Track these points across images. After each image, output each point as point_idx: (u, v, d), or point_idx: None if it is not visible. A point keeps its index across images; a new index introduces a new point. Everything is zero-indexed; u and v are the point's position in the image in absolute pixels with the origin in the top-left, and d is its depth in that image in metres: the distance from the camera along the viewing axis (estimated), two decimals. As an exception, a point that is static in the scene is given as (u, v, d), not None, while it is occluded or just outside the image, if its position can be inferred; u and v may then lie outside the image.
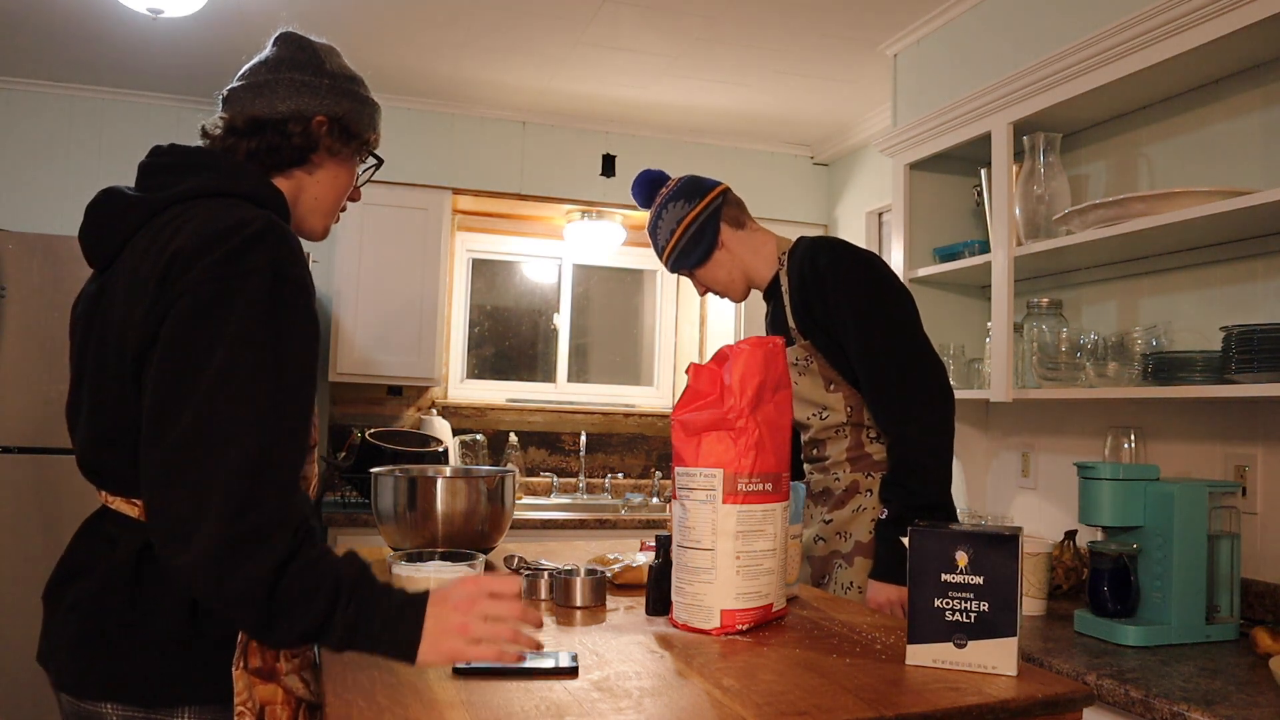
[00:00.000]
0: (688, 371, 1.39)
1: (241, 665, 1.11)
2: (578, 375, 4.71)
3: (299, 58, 1.31)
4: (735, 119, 4.10)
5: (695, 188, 2.03)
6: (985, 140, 2.50)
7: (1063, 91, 2.25)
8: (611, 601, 1.49)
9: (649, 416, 4.59)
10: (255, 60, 1.33)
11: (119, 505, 1.16)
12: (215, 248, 1.08)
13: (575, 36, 3.28)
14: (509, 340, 4.64)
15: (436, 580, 1.39)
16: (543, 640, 1.23)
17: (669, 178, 2.07)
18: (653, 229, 2.06)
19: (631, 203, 4.21)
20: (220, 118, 1.30)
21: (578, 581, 1.44)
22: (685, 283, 4.80)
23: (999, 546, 1.15)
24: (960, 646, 1.15)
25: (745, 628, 1.31)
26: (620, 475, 4.50)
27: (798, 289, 1.94)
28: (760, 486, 1.32)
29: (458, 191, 4.07)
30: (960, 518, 2.74)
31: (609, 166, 4.22)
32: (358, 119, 1.33)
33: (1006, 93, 2.40)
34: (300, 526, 1.03)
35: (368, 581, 1.05)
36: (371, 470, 1.83)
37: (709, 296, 4.67)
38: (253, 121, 1.27)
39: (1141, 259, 2.31)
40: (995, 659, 1.14)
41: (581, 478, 4.39)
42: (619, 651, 1.19)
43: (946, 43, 2.92)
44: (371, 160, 1.40)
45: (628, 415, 4.56)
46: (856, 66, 3.43)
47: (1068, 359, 2.30)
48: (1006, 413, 2.78)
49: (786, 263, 2.00)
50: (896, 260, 2.85)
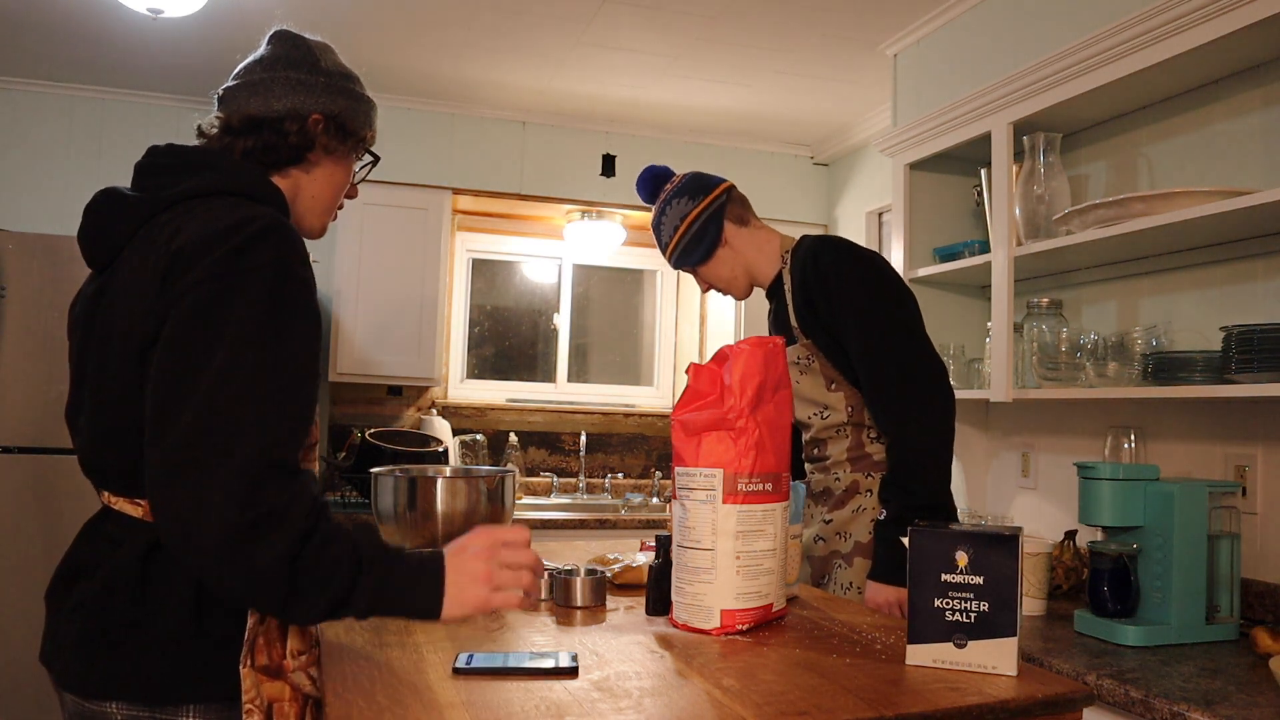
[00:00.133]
0: (688, 371, 1.39)
1: (249, 663, 1.11)
2: (578, 375, 4.71)
3: (294, 56, 1.31)
4: (735, 119, 4.10)
5: (700, 184, 2.02)
6: (985, 140, 2.50)
7: (1063, 91, 2.25)
8: (611, 601, 1.49)
9: (649, 416, 4.59)
10: (250, 59, 1.32)
11: (122, 505, 1.16)
12: (218, 245, 1.08)
13: (575, 36, 3.28)
14: (509, 340, 4.64)
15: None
16: (543, 640, 1.24)
17: (673, 174, 2.06)
18: (656, 225, 2.05)
19: (631, 203, 4.24)
20: (216, 117, 1.29)
21: (578, 581, 1.44)
22: (685, 282, 4.80)
23: (999, 546, 1.15)
24: (960, 646, 1.15)
25: (745, 628, 1.31)
26: (620, 475, 4.50)
27: (800, 287, 1.94)
28: (760, 486, 1.32)
29: (458, 191, 4.07)
30: (960, 518, 2.74)
31: (609, 166, 4.22)
32: (354, 116, 1.33)
33: (1006, 93, 2.40)
34: (314, 503, 1.04)
35: (384, 546, 1.07)
36: (371, 470, 1.83)
37: (709, 296, 4.70)
38: (249, 120, 1.26)
39: (1141, 259, 2.31)
40: (995, 659, 1.14)
41: (581, 478, 4.39)
42: (619, 651, 1.19)
43: (946, 43, 2.92)
44: (368, 158, 1.40)
45: (628, 415, 4.56)
46: (856, 66, 3.43)
47: (1068, 359, 2.30)
48: (1006, 413, 2.78)
49: (790, 261, 1.99)
50: (896, 260, 2.85)
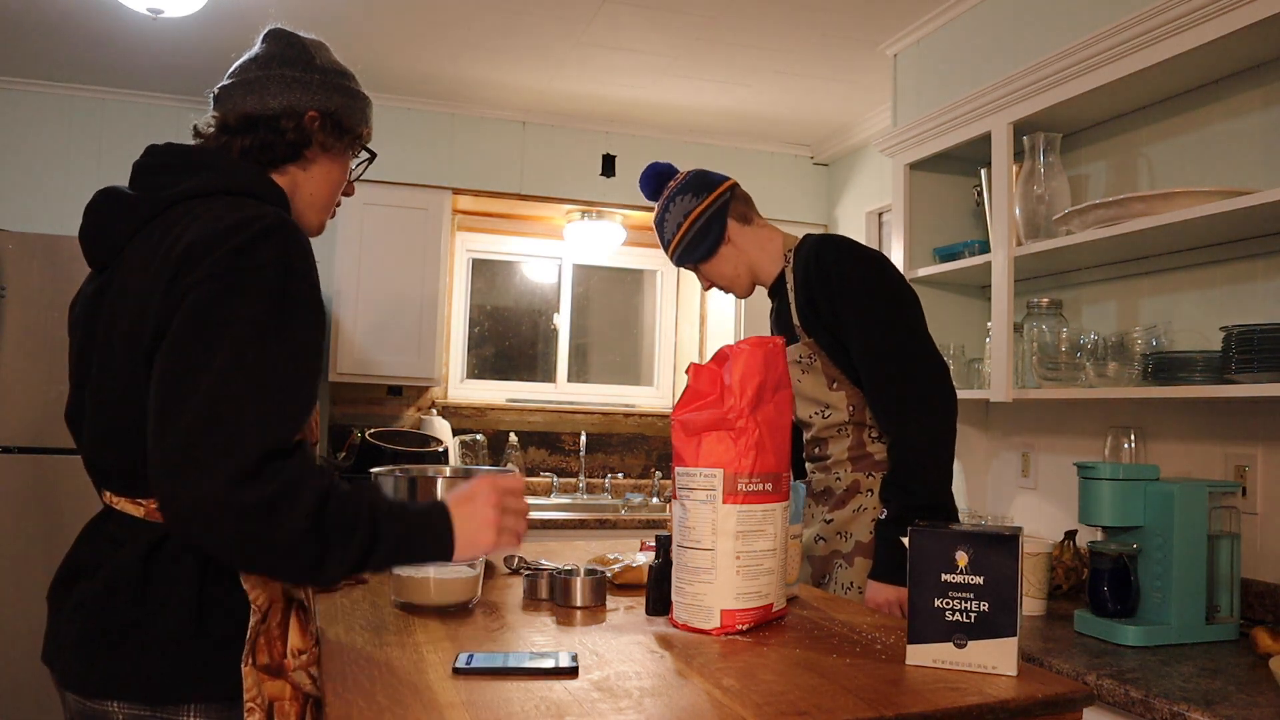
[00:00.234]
0: (688, 371, 1.39)
1: (250, 662, 1.12)
2: (578, 375, 4.71)
3: (289, 54, 1.31)
4: (735, 119, 4.10)
5: (703, 182, 2.02)
6: (985, 140, 2.50)
7: (1063, 91, 2.25)
8: (611, 601, 1.49)
9: (649, 416, 4.59)
10: (245, 57, 1.32)
11: (123, 506, 1.16)
12: (224, 243, 1.08)
13: (575, 36, 3.28)
14: (509, 340, 4.64)
15: (436, 579, 1.39)
16: (543, 640, 1.24)
17: (677, 171, 2.06)
18: (659, 222, 2.05)
19: (631, 203, 4.25)
20: (212, 116, 1.29)
21: (578, 581, 1.44)
22: (685, 282, 4.80)
23: (999, 546, 1.15)
24: (960, 646, 1.15)
25: (745, 628, 1.31)
26: (620, 475, 4.50)
27: (803, 286, 1.94)
28: (760, 486, 1.32)
29: (458, 191, 4.07)
30: (960, 518, 2.75)
31: (609, 166, 4.22)
32: (350, 113, 1.33)
33: (1006, 93, 2.40)
34: (321, 469, 1.07)
35: (390, 500, 1.12)
36: (371, 470, 1.83)
37: (709, 296, 4.70)
38: (245, 119, 1.26)
39: (1141, 259, 2.30)
40: (995, 659, 1.14)
41: (581, 478, 4.39)
42: (619, 651, 1.19)
43: (946, 43, 2.92)
44: (365, 154, 1.40)
45: (628, 415, 4.56)
46: (856, 66, 3.43)
47: (1068, 359, 2.30)
48: (1006, 413, 2.78)
49: (792, 260, 1.99)
50: (896, 260, 2.85)
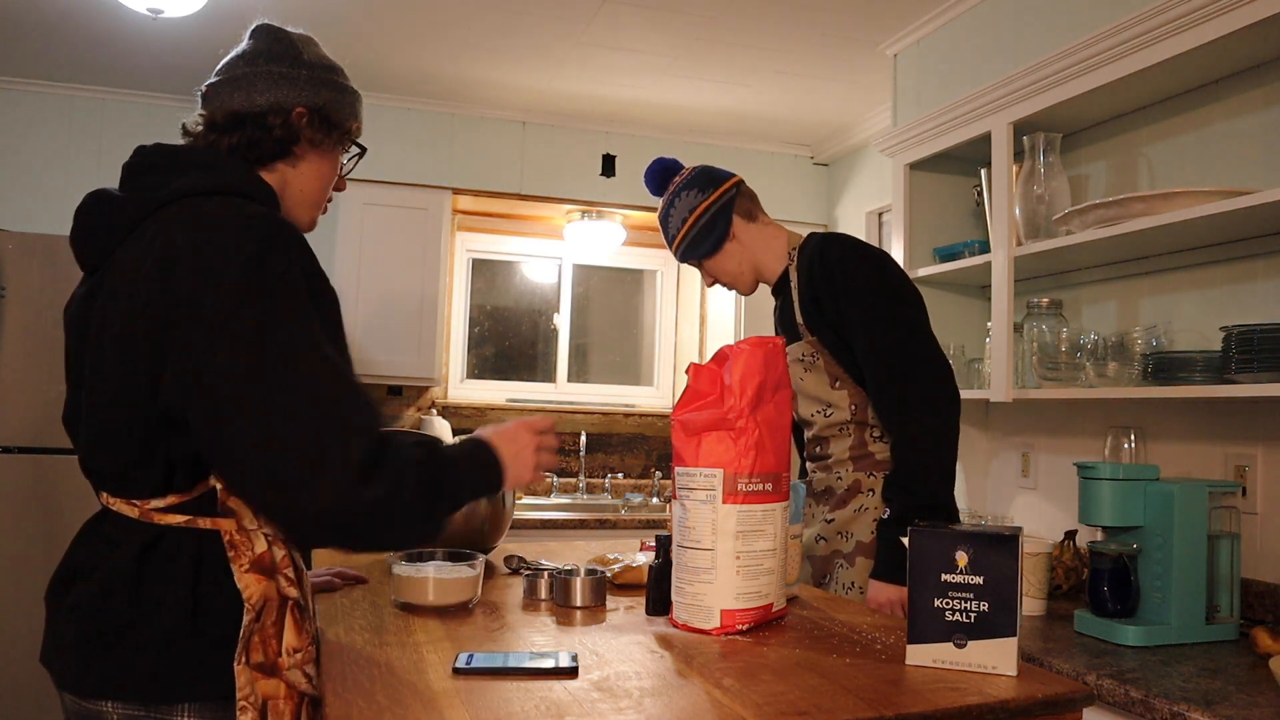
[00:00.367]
0: (688, 371, 1.39)
1: (244, 660, 1.11)
2: (578, 375, 4.71)
3: (276, 49, 1.30)
4: (735, 119, 4.10)
5: (709, 178, 2.01)
6: (985, 140, 2.50)
7: (1063, 91, 2.24)
8: (611, 601, 1.49)
9: (649, 416, 4.59)
10: (232, 54, 1.31)
11: (119, 506, 1.16)
12: (236, 253, 1.08)
13: (575, 36, 3.28)
14: (509, 340, 4.64)
15: (436, 579, 1.39)
16: (543, 640, 1.24)
17: (682, 166, 2.05)
18: (664, 217, 2.04)
19: (631, 202, 4.25)
20: (200, 115, 1.28)
21: (578, 581, 1.44)
22: (685, 282, 4.79)
23: (999, 546, 1.15)
24: (960, 646, 1.15)
25: (745, 628, 1.31)
26: (620, 475, 4.50)
27: (806, 284, 1.93)
28: (760, 486, 1.32)
29: (458, 191, 4.07)
30: (960, 518, 2.74)
31: (609, 166, 4.22)
32: (338, 108, 1.32)
33: (1006, 93, 2.40)
34: (399, 444, 1.12)
35: (448, 448, 1.19)
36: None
37: (709, 296, 4.70)
38: (232, 116, 1.25)
39: (1141, 259, 2.30)
40: (995, 659, 1.14)
41: (581, 478, 4.39)
42: (619, 651, 1.19)
43: (946, 43, 2.92)
44: (355, 150, 1.39)
45: (628, 415, 4.56)
46: (856, 66, 3.43)
47: (1068, 359, 2.30)
48: (1006, 413, 2.78)
49: (796, 258, 1.99)
50: (897, 260, 2.84)
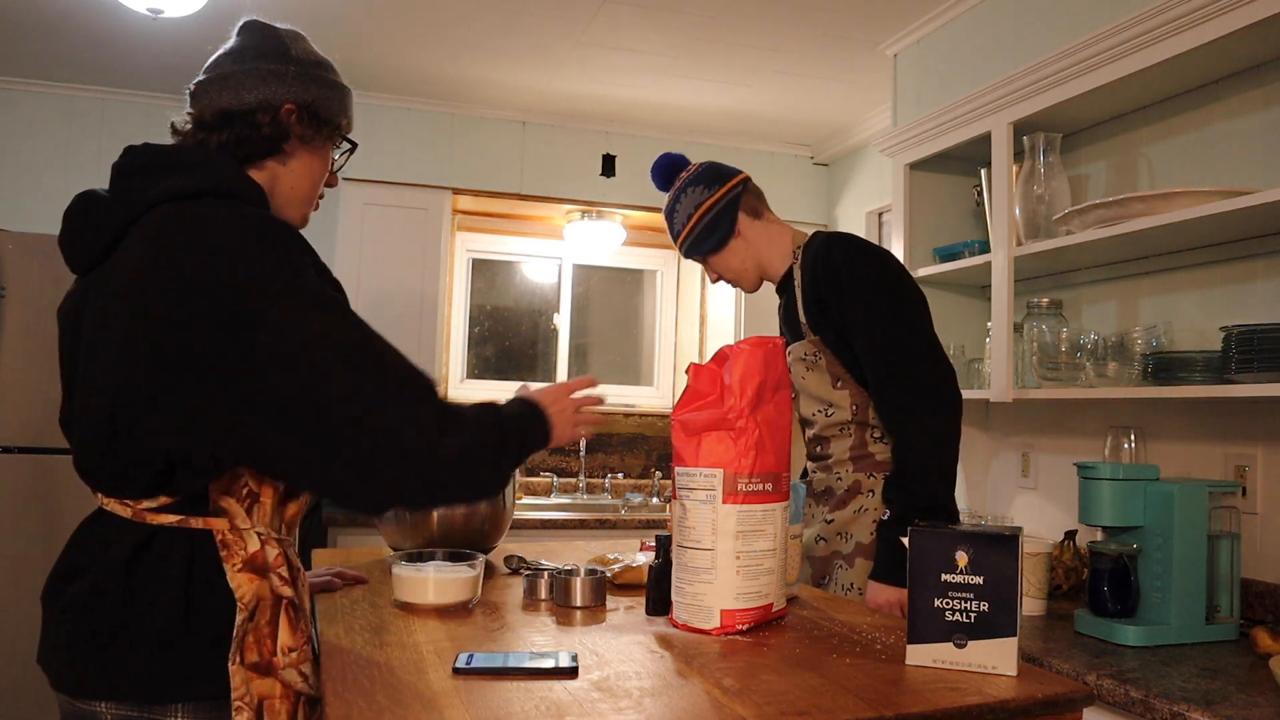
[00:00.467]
0: (688, 371, 1.39)
1: (238, 660, 1.11)
2: (578, 375, 4.71)
3: (264, 46, 1.28)
4: (735, 119, 4.10)
5: (715, 174, 2.00)
6: (985, 140, 2.50)
7: (1063, 91, 2.24)
8: (611, 601, 1.49)
9: (649, 416, 4.59)
10: (220, 51, 1.30)
11: (113, 506, 1.16)
12: (255, 259, 1.10)
13: (575, 36, 3.28)
14: (509, 340, 4.64)
15: (436, 579, 1.39)
16: (543, 640, 1.24)
17: (689, 162, 2.04)
18: (669, 212, 2.03)
19: (631, 202, 4.25)
20: (188, 113, 1.27)
21: (578, 581, 1.44)
22: (685, 282, 4.80)
23: (999, 546, 1.15)
24: (960, 646, 1.15)
25: (745, 628, 1.31)
26: (620, 475, 4.50)
27: (810, 283, 1.93)
28: (760, 486, 1.32)
29: (458, 191, 4.07)
30: (960, 518, 2.74)
31: (609, 166, 4.22)
32: (327, 104, 1.30)
33: (1006, 93, 2.39)
34: (479, 409, 1.22)
35: (501, 405, 1.28)
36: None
37: (709, 296, 4.70)
38: (221, 114, 1.24)
39: (1141, 259, 2.30)
40: (995, 659, 1.14)
41: (581, 478, 4.39)
42: (619, 651, 1.19)
43: (946, 43, 2.92)
44: (346, 145, 1.38)
45: (628, 415, 4.56)
46: (856, 66, 3.43)
47: (1068, 359, 2.30)
48: (1006, 413, 2.78)
49: (801, 256, 1.98)
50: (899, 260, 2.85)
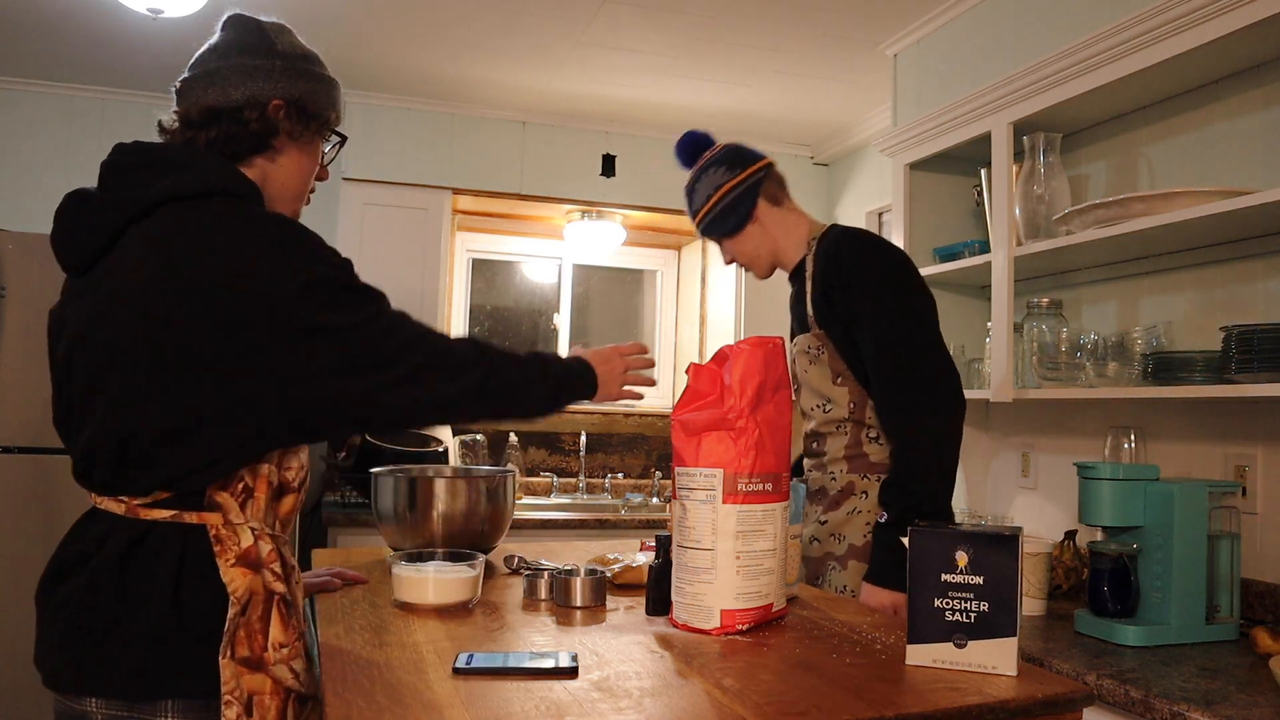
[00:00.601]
0: (688, 371, 1.39)
1: (229, 654, 1.11)
2: (578, 375, 4.71)
3: (248, 41, 1.27)
4: (735, 119, 4.10)
5: (739, 157, 1.99)
6: (985, 140, 2.50)
7: (1063, 91, 2.24)
8: (611, 601, 1.49)
9: (649, 416, 4.59)
10: (205, 47, 1.28)
11: (107, 504, 1.16)
12: (286, 254, 1.13)
13: (575, 36, 3.28)
14: (509, 340, 4.64)
15: (436, 579, 1.39)
16: (543, 640, 1.24)
17: (714, 141, 2.02)
18: (690, 190, 2.02)
19: (631, 202, 4.24)
20: (175, 112, 1.26)
21: (578, 581, 1.44)
22: (685, 282, 4.80)
23: (999, 546, 1.15)
24: (960, 646, 1.15)
25: (745, 628, 1.31)
26: (620, 475, 4.50)
27: (821, 276, 1.91)
28: (760, 486, 1.32)
29: (458, 191, 4.07)
30: (960, 518, 2.74)
31: (609, 166, 4.22)
32: (315, 99, 1.29)
33: (1006, 93, 2.40)
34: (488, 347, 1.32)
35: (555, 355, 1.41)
36: (371, 470, 1.83)
37: (709, 296, 4.70)
38: (208, 112, 1.24)
39: (1141, 259, 2.30)
40: (995, 659, 1.14)
41: (581, 478, 4.39)
42: (619, 651, 1.19)
43: (946, 43, 2.92)
44: (335, 138, 1.37)
45: (628, 415, 4.56)
46: (856, 66, 3.43)
47: (1068, 359, 2.30)
48: (1006, 413, 2.78)
49: (815, 248, 1.96)
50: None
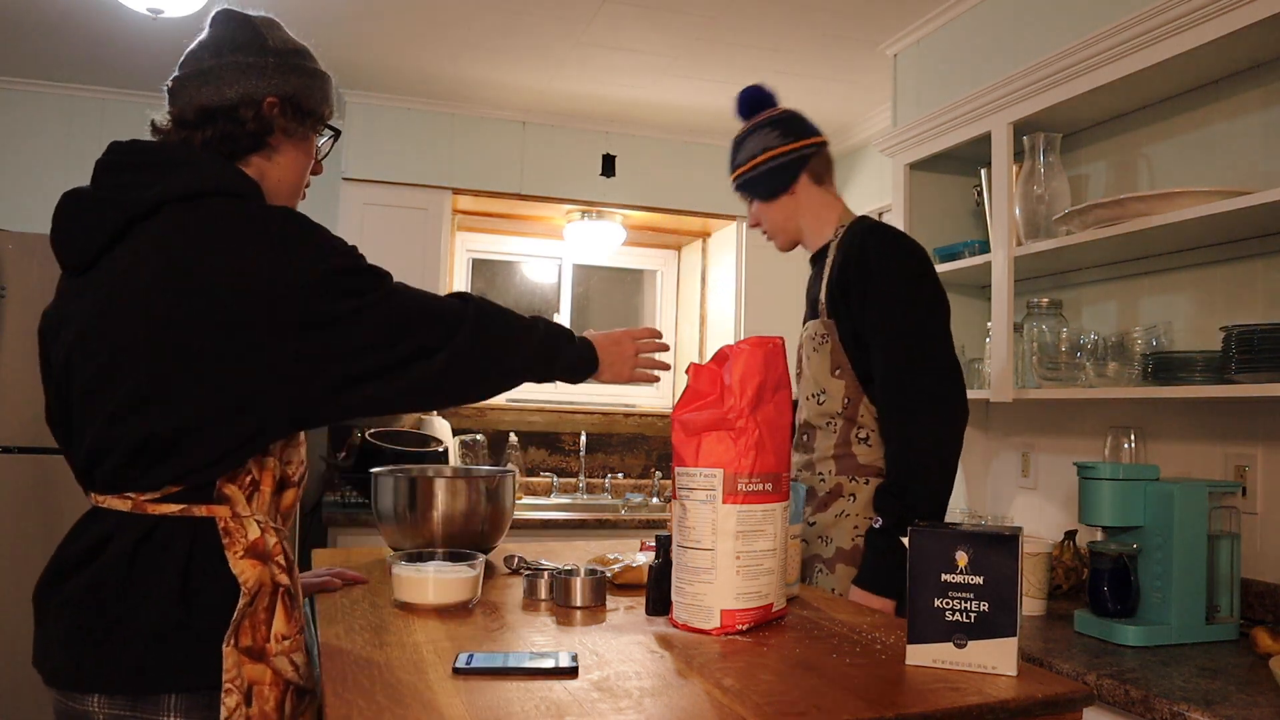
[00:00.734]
0: (688, 371, 1.39)
1: (232, 643, 1.11)
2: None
3: (239, 37, 1.25)
4: (735, 119, 4.09)
5: (796, 125, 1.99)
6: (985, 140, 2.50)
7: (1063, 91, 2.24)
8: (611, 601, 1.49)
9: (649, 416, 4.59)
10: (194, 45, 1.27)
11: (110, 503, 1.16)
12: (288, 252, 1.13)
13: (575, 36, 3.28)
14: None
15: (436, 579, 1.39)
16: (543, 640, 1.24)
17: (776, 102, 2.02)
18: (738, 143, 2.01)
19: (631, 202, 4.25)
20: (168, 112, 1.25)
21: (578, 581, 1.44)
22: (685, 282, 4.80)
23: (999, 546, 1.15)
24: (960, 646, 1.15)
25: (745, 628, 1.31)
26: (620, 475, 4.50)
27: (839, 267, 1.90)
28: (760, 486, 1.32)
29: (458, 191, 4.07)
30: (960, 518, 2.74)
31: (609, 166, 4.22)
32: (309, 95, 1.29)
33: (1006, 93, 2.40)
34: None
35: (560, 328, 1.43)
36: (371, 470, 1.83)
37: (709, 295, 4.70)
38: (202, 111, 1.22)
39: (1141, 259, 2.30)
40: (995, 659, 1.14)
41: (581, 478, 4.39)
42: (619, 651, 1.19)
43: (946, 43, 2.92)
44: (329, 132, 1.36)
45: (628, 415, 4.56)
46: (856, 66, 3.43)
47: (1068, 359, 2.30)
48: (1006, 413, 2.78)
49: (840, 237, 1.95)
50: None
